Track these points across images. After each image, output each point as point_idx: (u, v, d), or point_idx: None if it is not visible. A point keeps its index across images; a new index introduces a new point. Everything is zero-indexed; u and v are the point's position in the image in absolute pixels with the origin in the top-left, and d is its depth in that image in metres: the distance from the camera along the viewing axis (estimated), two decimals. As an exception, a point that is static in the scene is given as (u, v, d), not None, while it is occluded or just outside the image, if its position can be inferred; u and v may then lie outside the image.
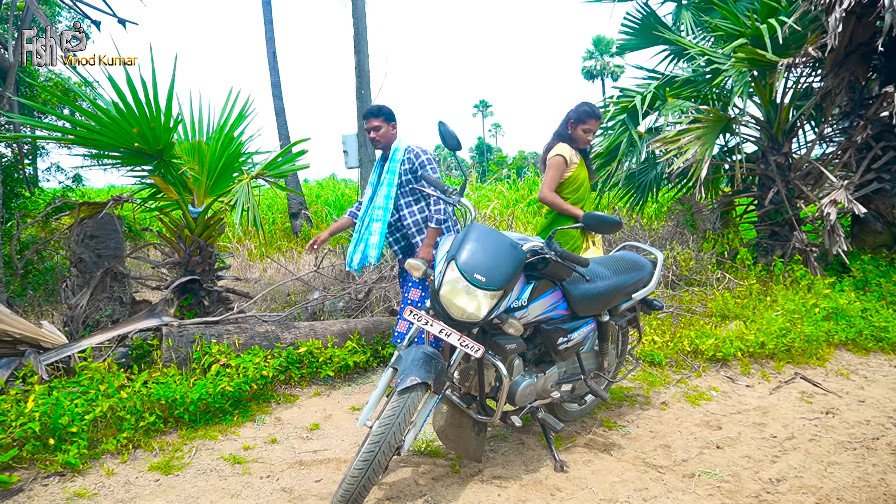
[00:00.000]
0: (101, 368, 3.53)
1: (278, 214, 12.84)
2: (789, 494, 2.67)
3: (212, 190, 4.93)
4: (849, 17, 5.31)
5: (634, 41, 7.48)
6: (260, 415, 3.64)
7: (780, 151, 6.32)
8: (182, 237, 4.78)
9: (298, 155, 5.58)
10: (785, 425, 3.39)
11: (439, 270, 2.57)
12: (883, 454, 3.03)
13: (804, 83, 6.73)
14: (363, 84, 7.62)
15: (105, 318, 4.47)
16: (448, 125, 2.84)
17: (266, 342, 4.08)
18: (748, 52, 5.54)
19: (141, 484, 2.82)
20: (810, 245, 5.97)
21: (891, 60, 5.92)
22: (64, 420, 2.99)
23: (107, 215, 4.80)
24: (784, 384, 4.04)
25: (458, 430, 2.85)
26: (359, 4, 7.61)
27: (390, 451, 2.34)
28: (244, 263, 8.20)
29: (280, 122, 11.78)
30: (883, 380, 4.11)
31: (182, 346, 3.84)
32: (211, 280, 4.92)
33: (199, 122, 5.05)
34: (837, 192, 5.67)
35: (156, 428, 3.31)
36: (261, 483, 2.82)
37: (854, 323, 4.81)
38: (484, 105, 77.76)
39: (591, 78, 54.01)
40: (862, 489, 2.70)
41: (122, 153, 4.54)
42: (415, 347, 2.54)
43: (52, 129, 7.67)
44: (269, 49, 11.66)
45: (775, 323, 4.66)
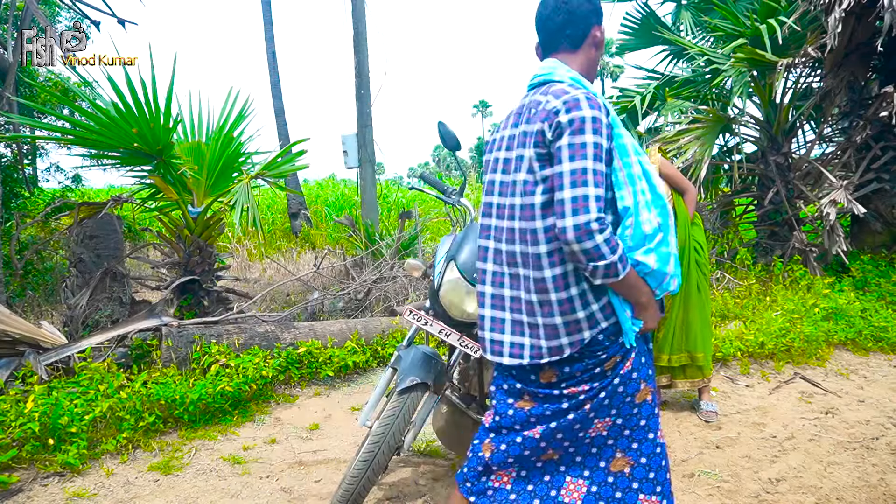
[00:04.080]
0: (101, 368, 3.52)
1: (278, 214, 12.84)
2: (789, 494, 2.67)
3: (211, 190, 4.93)
4: (848, 18, 5.31)
5: (634, 41, 7.48)
6: (259, 415, 3.63)
7: (780, 151, 6.32)
8: (182, 237, 4.78)
9: (298, 155, 5.58)
10: (784, 425, 3.39)
11: (439, 270, 2.57)
12: (882, 454, 3.03)
13: (804, 83, 6.74)
14: (363, 84, 7.62)
15: (104, 318, 4.47)
16: (447, 125, 2.84)
17: (266, 342, 4.08)
18: (748, 52, 5.54)
19: (140, 484, 2.82)
20: (810, 245, 5.98)
21: (890, 60, 5.92)
22: (63, 420, 2.99)
23: (106, 215, 4.80)
24: (784, 384, 4.04)
25: (458, 431, 2.85)
26: (358, 5, 7.61)
27: (390, 451, 2.34)
28: (244, 263, 8.19)
29: (280, 123, 11.78)
30: (882, 380, 4.11)
31: (182, 347, 3.84)
32: (210, 280, 4.92)
33: (199, 122, 5.05)
34: (837, 192, 5.67)
35: (155, 428, 3.30)
36: (260, 483, 2.82)
37: (853, 323, 4.81)
38: (483, 105, 77.81)
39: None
40: (861, 489, 2.70)
41: (122, 153, 4.54)
42: (414, 348, 2.54)
43: (51, 129, 7.67)
44: (269, 49, 11.66)
45: (775, 323, 4.67)
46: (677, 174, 3.46)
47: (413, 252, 6.84)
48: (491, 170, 1.85)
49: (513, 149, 1.75)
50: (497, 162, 1.82)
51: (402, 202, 11.66)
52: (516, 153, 1.72)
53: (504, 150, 1.80)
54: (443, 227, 8.99)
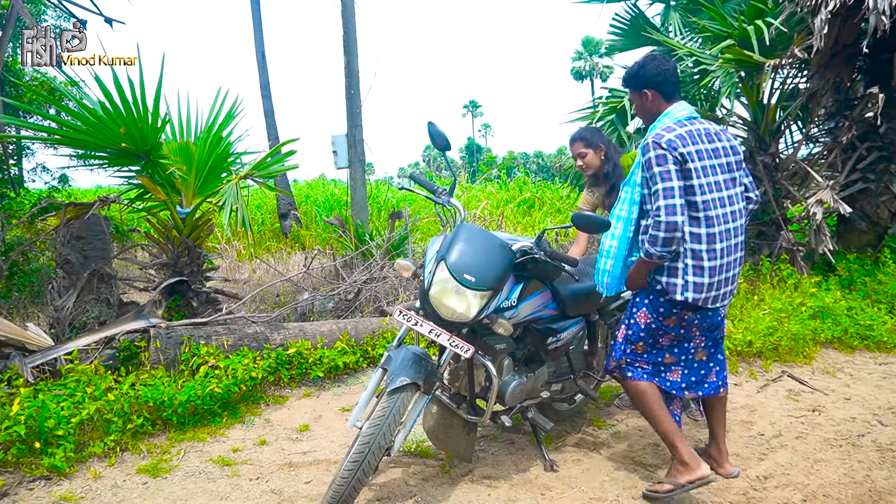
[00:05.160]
0: (88, 371, 3.49)
1: (267, 215, 12.77)
2: (776, 491, 2.69)
3: (200, 190, 4.90)
4: (834, 19, 5.36)
5: (623, 42, 7.51)
6: (249, 416, 3.62)
7: (767, 152, 6.38)
8: (170, 238, 4.75)
9: (287, 155, 5.55)
10: (772, 423, 3.42)
11: (429, 271, 2.57)
12: (868, 451, 3.06)
13: (790, 84, 6.79)
14: (353, 84, 7.59)
15: (92, 319, 4.42)
16: (437, 125, 2.84)
17: (255, 343, 4.06)
18: (735, 53, 5.58)
19: (128, 487, 2.79)
20: (797, 244, 6.03)
21: (875, 62, 5.98)
22: (50, 423, 2.96)
23: (93, 216, 4.75)
24: (771, 382, 4.08)
25: (448, 431, 2.85)
26: (348, 4, 7.59)
27: (380, 451, 2.34)
28: (233, 264, 8.15)
29: (269, 123, 11.72)
30: (868, 377, 4.16)
31: (170, 348, 3.81)
32: (199, 281, 4.89)
33: (188, 122, 5.02)
34: (823, 191, 5.72)
35: (144, 430, 3.28)
36: (250, 485, 2.81)
37: (840, 321, 4.86)
38: (474, 105, 77.85)
39: (581, 78, 54.25)
40: (848, 486, 2.73)
41: (109, 153, 4.50)
42: (404, 348, 2.54)
43: (37, 129, 7.59)
44: (258, 49, 11.60)
45: (763, 321, 4.70)
46: None
47: (403, 252, 6.83)
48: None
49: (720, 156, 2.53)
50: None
51: (392, 202, 11.62)
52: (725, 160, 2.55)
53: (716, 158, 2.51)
54: (433, 228, 8.99)
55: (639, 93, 2.65)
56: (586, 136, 3.55)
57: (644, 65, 2.62)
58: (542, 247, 2.64)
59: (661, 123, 2.56)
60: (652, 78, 2.59)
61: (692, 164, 2.42)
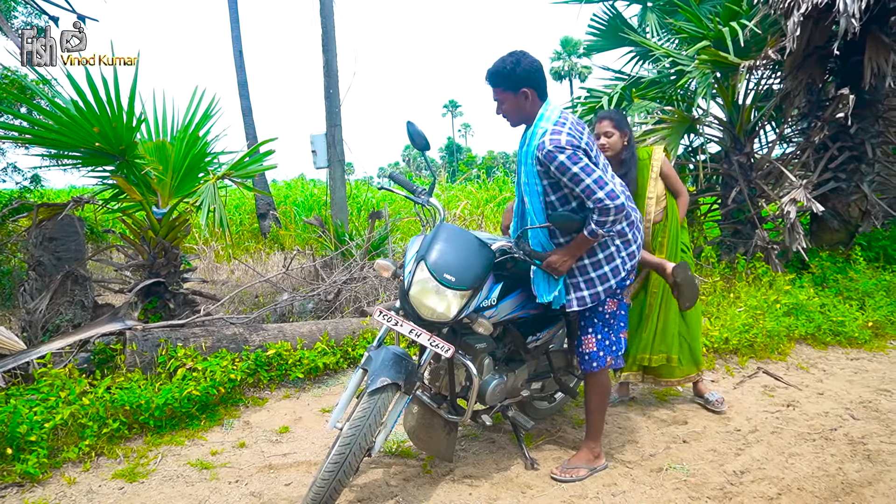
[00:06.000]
0: (62, 374, 3.43)
1: (246, 215, 12.67)
2: (752, 486, 2.74)
3: (177, 191, 4.83)
4: (806, 22, 5.46)
5: (601, 42, 7.57)
6: (228, 419, 3.58)
7: (742, 151, 6.48)
8: (146, 239, 4.68)
9: (266, 155, 5.51)
10: (748, 419, 3.47)
11: (409, 271, 2.56)
12: (840, 444, 3.13)
13: (765, 85, 6.91)
14: (332, 84, 7.56)
15: (66, 322, 4.34)
16: (417, 125, 2.84)
17: (234, 345, 4.02)
18: (711, 54, 5.66)
19: (104, 492, 2.75)
20: (771, 243, 6.13)
21: (846, 64, 6.11)
22: (22, 429, 2.90)
23: (67, 217, 4.67)
24: (747, 378, 4.14)
25: (429, 431, 2.85)
26: (326, 3, 7.54)
27: (361, 452, 2.34)
28: (211, 265, 8.06)
29: (247, 122, 11.62)
30: (840, 372, 4.25)
31: (147, 351, 3.76)
32: (176, 282, 4.83)
33: (164, 122, 4.95)
34: (797, 191, 5.83)
35: (120, 434, 3.23)
36: (229, 488, 2.78)
37: (813, 318, 4.95)
38: (453, 105, 77.88)
39: (560, 79, 54.58)
40: (821, 479, 2.79)
41: (83, 153, 4.42)
42: (384, 348, 2.53)
43: (8, 128, 7.40)
44: (236, 48, 11.49)
45: (738, 319, 4.78)
46: (675, 176, 3.49)
47: (383, 252, 6.81)
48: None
49: None
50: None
51: (371, 202, 11.60)
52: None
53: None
54: (413, 227, 8.98)
55: (515, 93, 2.53)
56: (616, 118, 3.37)
57: (518, 62, 2.50)
58: (521, 246, 2.65)
59: (548, 122, 2.52)
60: (531, 76, 2.52)
61: (592, 154, 2.55)
